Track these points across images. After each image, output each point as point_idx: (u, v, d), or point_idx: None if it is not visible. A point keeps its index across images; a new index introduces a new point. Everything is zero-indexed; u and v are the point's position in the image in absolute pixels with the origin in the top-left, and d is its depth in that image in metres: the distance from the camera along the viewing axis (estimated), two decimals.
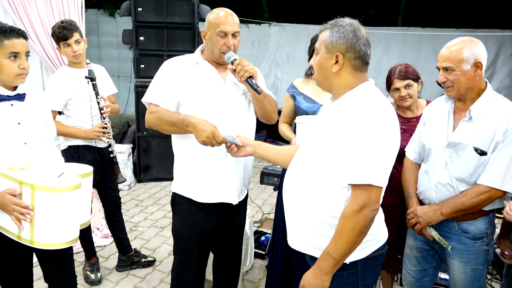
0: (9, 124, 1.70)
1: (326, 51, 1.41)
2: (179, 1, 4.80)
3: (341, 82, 1.43)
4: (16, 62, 1.65)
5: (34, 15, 4.39)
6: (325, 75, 1.44)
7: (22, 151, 1.73)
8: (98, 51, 8.19)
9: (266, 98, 1.92)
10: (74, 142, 2.71)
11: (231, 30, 1.82)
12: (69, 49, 2.57)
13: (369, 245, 1.48)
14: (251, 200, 4.55)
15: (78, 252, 3.14)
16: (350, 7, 9.24)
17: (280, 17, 9.37)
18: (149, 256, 3.20)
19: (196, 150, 1.88)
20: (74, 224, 1.64)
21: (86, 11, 6.09)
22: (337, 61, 1.40)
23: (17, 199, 1.56)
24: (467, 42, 1.73)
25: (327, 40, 1.40)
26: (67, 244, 1.62)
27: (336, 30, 1.39)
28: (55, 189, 1.54)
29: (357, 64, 1.41)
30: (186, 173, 1.96)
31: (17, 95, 1.73)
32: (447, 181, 1.80)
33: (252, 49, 9.48)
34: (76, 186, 1.59)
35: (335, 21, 1.43)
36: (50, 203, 1.54)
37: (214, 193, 1.94)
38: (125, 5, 4.85)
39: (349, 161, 1.34)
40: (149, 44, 4.88)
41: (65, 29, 2.53)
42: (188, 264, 2.04)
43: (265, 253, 3.26)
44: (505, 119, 1.70)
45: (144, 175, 5.15)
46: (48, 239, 1.58)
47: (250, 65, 1.78)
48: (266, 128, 7.17)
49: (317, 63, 1.45)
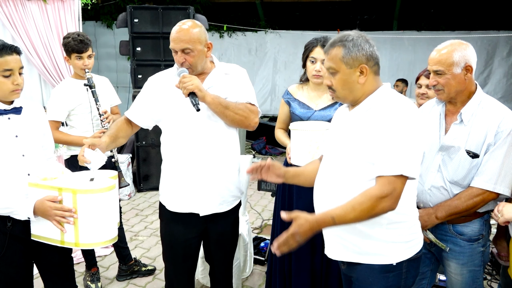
0: (7, 137, 1.73)
1: (348, 66, 1.46)
2: (174, 11, 4.85)
3: (365, 90, 1.49)
4: (9, 78, 1.68)
5: (32, 28, 4.44)
6: (351, 88, 1.49)
7: (21, 163, 1.76)
8: (97, 62, 8.24)
9: (228, 109, 1.86)
10: (77, 151, 2.73)
11: (178, 47, 1.83)
12: (80, 61, 2.63)
13: (414, 244, 1.53)
14: (251, 207, 4.56)
15: (79, 263, 3.15)
16: (345, 12, 9.30)
17: (276, 24, 9.42)
18: (149, 265, 3.21)
19: (170, 158, 1.96)
20: (113, 223, 1.76)
21: (84, 23, 6.15)
22: (362, 72, 1.46)
23: (58, 204, 1.64)
24: (457, 45, 1.75)
25: (345, 56, 1.45)
26: (109, 242, 1.75)
27: (352, 45, 1.44)
28: (95, 190, 1.65)
29: (376, 69, 1.50)
30: (163, 181, 2.04)
31: (14, 109, 1.77)
32: (441, 184, 1.82)
33: (249, 56, 9.54)
34: (112, 187, 1.72)
35: (341, 36, 1.48)
36: (92, 204, 1.65)
37: (182, 202, 1.95)
38: (121, 16, 4.89)
39: (380, 156, 1.38)
40: (146, 55, 4.93)
41: (82, 42, 2.61)
42: (175, 271, 2.07)
43: (265, 259, 3.26)
44: (495, 121, 1.72)
45: (144, 184, 5.17)
46: (93, 239, 1.70)
47: (191, 81, 1.77)
48: (265, 135, 7.19)
49: (340, 81, 1.49)
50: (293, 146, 2.18)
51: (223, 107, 1.84)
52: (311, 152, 2.09)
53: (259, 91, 9.68)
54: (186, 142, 1.90)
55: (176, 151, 1.93)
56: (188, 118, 1.88)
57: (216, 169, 1.92)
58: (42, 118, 1.93)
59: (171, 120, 1.93)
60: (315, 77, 2.27)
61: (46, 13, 4.51)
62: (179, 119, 1.90)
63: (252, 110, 1.96)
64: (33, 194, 1.69)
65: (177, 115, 1.91)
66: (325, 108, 2.31)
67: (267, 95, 9.81)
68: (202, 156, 1.89)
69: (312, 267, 2.33)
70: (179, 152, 1.92)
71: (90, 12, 7.58)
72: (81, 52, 2.61)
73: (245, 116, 1.92)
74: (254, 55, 9.53)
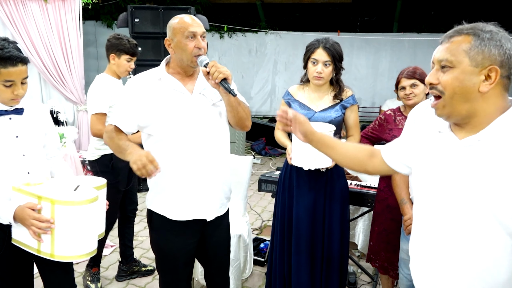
0: (7, 137, 1.74)
1: (472, 63, 1.05)
2: (175, 11, 4.84)
3: (487, 106, 1.07)
4: (10, 88, 1.68)
5: (32, 28, 4.44)
6: (466, 96, 1.06)
7: (21, 163, 1.76)
8: (97, 62, 8.24)
9: (240, 105, 1.84)
10: (108, 150, 2.71)
11: (200, 31, 1.75)
12: (127, 64, 2.74)
13: None
14: (250, 208, 4.56)
15: (78, 263, 3.15)
16: (346, 14, 9.32)
17: (276, 25, 9.44)
18: (149, 265, 3.21)
19: (165, 166, 1.75)
20: (92, 236, 1.68)
21: (84, 23, 6.15)
22: (489, 77, 1.05)
23: (36, 214, 1.58)
24: None
25: (474, 48, 1.05)
26: (86, 256, 1.66)
27: (489, 37, 1.05)
28: (74, 202, 1.57)
29: (506, 83, 1.08)
30: (156, 189, 1.91)
31: (15, 110, 1.77)
32: None
33: (249, 57, 9.55)
34: (94, 199, 1.62)
35: (475, 25, 1.09)
36: (69, 216, 1.58)
37: (187, 210, 1.86)
38: (122, 16, 4.90)
39: None
40: (146, 55, 4.92)
41: (136, 47, 2.75)
42: (174, 279, 1.98)
43: (264, 260, 3.26)
44: None
45: (144, 184, 5.16)
46: (68, 251, 1.62)
47: (224, 67, 1.70)
48: (265, 136, 7.19)
49: (455, 80, 1.07)
50: (294, 147, 2.17)
51: (237, 103, 1.81)
52: (313, 154, 2.09)
53: (258, 91, 9.70)
54: (184, 147, 1.79)
55: (174, 157, 1.80)
56: (184, 121, 1.79)
57: (214, 171, 1.88)
58: (45, 118, 1.93)
59: (164, 124, 1.78)
60: (316, 78, 2.27)
61: (46, 13, 4.52)
62: (173, 123, 1.78)
63: (250, 113, 1.97)
64: (16, 199, 1.65)
65: (171, 119, 1.78)
66: (326, 109, 2.31)
67: (267, 96, 9.82)
68: (201, 159, 1.82)
69: (312, 268, 2.33)
70: (178, 158, 1.80)
71: (91, 11, 7.58)
72: (134, 56, 2.74)
73: (247, 116, 1.90)
74: (254, 56, 9.54)
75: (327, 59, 2.22)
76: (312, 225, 2.30)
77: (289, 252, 2.37)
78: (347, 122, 2.37)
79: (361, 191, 2.75)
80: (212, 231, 1.99)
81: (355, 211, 3.28)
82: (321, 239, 2.32)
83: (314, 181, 2.28)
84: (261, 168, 6.30)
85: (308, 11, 9.62)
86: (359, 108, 3.10)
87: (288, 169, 2.37)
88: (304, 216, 2.29)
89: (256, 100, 9.72)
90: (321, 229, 2.31)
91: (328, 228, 2.31)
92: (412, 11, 8.83)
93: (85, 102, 5.16)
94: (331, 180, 2.30)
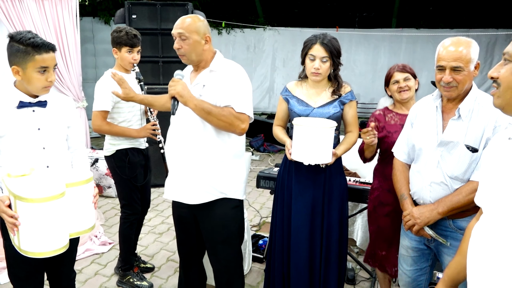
0: (29, 129, 1.77)
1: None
2: (173, 7, 4.82)
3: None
4: (44, 75, 1.71)
5: (28, 23, 4.41)
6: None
7: (41, 155, 1.80)
8: (94, 58, 8.21)
9: (211, 115, 1.93)
10: (122, 145, 2.73)
11: (175, 32, 1.98)
12: (130, 55, 2.74)
13: None
14: (249, 204, 4.55)
15: (77, 260, 3.13)
16: (344, 9, 9.30)
17: (275, 21, 9.41)
18: (148, 262, 3.20)
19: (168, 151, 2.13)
20: (61, 233, 1.62)
21: (81, 19, 6.11)
22: None
23: (4, 207, 1.58)
24: (471, 42, 1.75)
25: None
26: (54, 253, 1.61)
27: None
28: (34, 200, 1.53)
29: None
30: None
31: (39, 102, 1.80)
32: (441, 180, 1.82)
33: (248, 53, 9.52)
34: (58, 196, 1.57)
35: None
36: (31, 213, 1.54)
37: (170, 190, 2.14)
38: (119, 12, 4.86)
39: None
40: (144, 51, 4.84)
41: (135, 37, 2.73)
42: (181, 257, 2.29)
43: (263, 257, 3.26)
44: (493, 116, 1.72)
45: None
46: (34, 248, 1.58)
47: (175, 86, 1.91)
48: (263, 132, 7.18)
49: (510, 74, 1.06)
50: (295, 141, 2.16)
51: (205, 113, 1.92)
52: (313, 149, 2.08)
53: (257, 88, 9.67)
54: (174, 137, 2.08)
55: (168, 145, 2.14)
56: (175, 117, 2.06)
57: (195, 158, 2.02)
58: (69, 111, 1.94)
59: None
60: (314, 74, 2.26)
61: (43, 9, 4.49)
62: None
63: (237, 116, 1.97)
64: (4, 189, 1.67)
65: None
66: (324, 105, 2.30)
67: (265, 93, 9.80)
68: (182, 145, 2.05)
69: (310, 264, 2.33)
70: (168, 146, 2.12)
71: (88, 8, 7.54)
72: (133, 47, 2.72)
73: (229, 123, 1.96)
74: (253, 52, 9.51)
75: (324, 55, 2.21)
76: (311, 221, 2.29)
77: (288, 248, 2.37)
78: (345, 118, 2.36)
79: (360, 187, 2.75)
80: (202, 218, 2.14)
81: (354, 208, 3.27)
82: (320, 235, 2.31)
83: (313, 178, 2.27)
84: (259, 164, 6.30)
85: (307, 7, 9.60)
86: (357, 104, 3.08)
87: (287, 166, 2.36)
88: (303, 213, 2.28)
89: (255, 96, 9.69)
90: (320, 226, 2.30)
91: (327, 224, 2.31)
92: (410, 6, 8.82)
93: (82, 99, 5.15)
94: (330, 176, 2.29)
